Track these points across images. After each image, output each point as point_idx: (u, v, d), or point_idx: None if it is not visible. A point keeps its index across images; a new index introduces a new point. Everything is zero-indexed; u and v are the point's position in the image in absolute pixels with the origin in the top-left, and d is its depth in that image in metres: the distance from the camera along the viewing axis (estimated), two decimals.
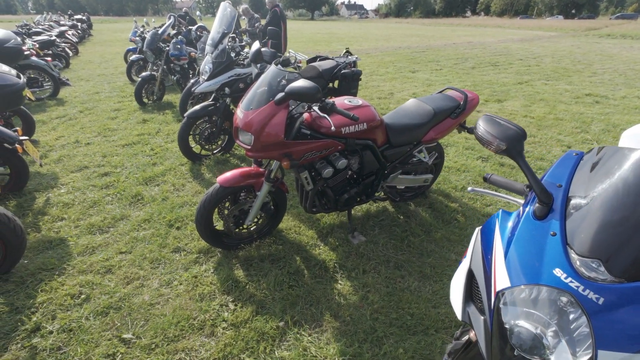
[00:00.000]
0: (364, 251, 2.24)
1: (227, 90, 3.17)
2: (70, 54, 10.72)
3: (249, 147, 1.80)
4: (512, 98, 6.27)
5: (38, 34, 11.16)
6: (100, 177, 3.27)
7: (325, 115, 1.72)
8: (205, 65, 3.15)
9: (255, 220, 2.25)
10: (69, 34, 13.02)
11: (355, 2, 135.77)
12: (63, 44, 10.32)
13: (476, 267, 0.88)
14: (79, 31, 16.95)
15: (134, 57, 7.44)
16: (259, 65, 3.22)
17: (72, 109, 5.59)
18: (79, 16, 22.52)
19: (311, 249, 2.27)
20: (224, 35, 3.07)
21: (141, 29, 8.38)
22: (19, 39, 4.03)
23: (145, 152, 3.84)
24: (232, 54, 3.24)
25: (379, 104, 5.86)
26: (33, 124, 4.13)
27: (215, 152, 3.64)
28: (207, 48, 3.13)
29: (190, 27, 6.85)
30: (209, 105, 3.31)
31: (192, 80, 4.70)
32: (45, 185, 3.06)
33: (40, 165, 2.97)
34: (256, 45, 2.16)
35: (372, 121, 2.07)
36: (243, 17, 7.32)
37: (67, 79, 7.56)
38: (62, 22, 18.31)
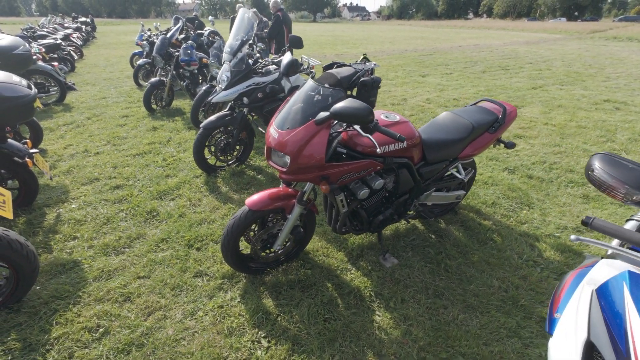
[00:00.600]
0: (399, 277, 2.08)
1: (245, 100, 3.03)
2: (76, 57, 10.64)
3: (284, 170, 1.65)
4: (529, 104, 6.12)
5: (43, 37, 11.08)
6: (112, 190, 3.12)
7: (369, 135, 1.57)
8: (223, 74, 3.01)
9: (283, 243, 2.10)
10: (73, 37, 12.94)
11: (357, 4, 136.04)
12: (68, 47, 10.22)
13: (600, 340, 0.73)
14: (83, 34, 16.90)
15: (141, 61, 7.33)
16: (291, 78, 3.10)
17: (79, 115, 5.46)
18: (83, 19, 22.51)
19: (342, 273, 2.12)
20: (243, 43, 2.93)
21: (148, 33, 8.27)
22: (27, 45, 3.90)
23: (158, 162, 3.70)
24: (250, 61, 3.10)
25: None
26: (41, 133, 4.00)
27: (230, 163, 3.50)
28: (225, 56, 2.99)
29: (199, 32, 6.72)
30: (226, 116, 3.17)
31: (203, 87, 4.56)
32: (55, 200, 2.92)
33: (50, 178, 2.83)
34: (288, 56, 2.01)
35: (411, 139, 1.92)
36: None
37: (73, 84, 7.45)
38: (66, 25, 18.27)
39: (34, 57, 5.77)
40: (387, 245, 2.37)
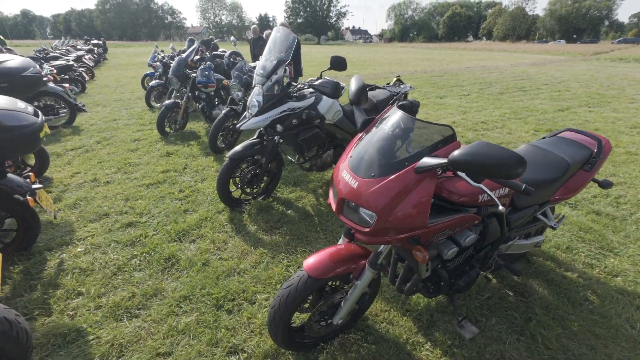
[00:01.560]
0: (490, 357, 1.63)
1: (279, 127, 2.67)
2: (87, 78, 10.55)
3: (366, 230, 1.25)
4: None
5: (56, 58, 11.06)
6: (123, 229, 2.73)
7: (481, 185, 1.17)
8: (253, 98, 2.67)
9: None
10: (85, 59, 12.97)
11: (359, 27, 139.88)
12: (80, 69, 10.14)
13: None
14: (95, 55, 17.07)
15: (153, 82, 7.13)
16: (322, 104, 2.76)
17: (88, 138, 5.15)
18: (95, 41, 22.95)
19: (415, 350, 1.67)
20: (279, 64, 2.61)
21: (161, 54, 8.13)
22: (37, 66, 3.63)
23: (174, 194, 3.32)
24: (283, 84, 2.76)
25: None
26: (47, 159, 3.66)
27: (256, 196, 3.11)
28: (257, 78, 2.66)
29: (215, 53, 6.52)
30: (254, 144, 2.81)
31: (223, 111, 4.25)
32: (58, 242, 2.52)
33: (54, 217, 2.44)
34: (357, 80, 1.63)
35: None
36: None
37: (83, 105, 7.23)
38: (79, 47, 18.53)
39: (45, 78, 5.55)
40: (461, 308, 1.93)
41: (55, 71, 7.38)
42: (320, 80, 2.63)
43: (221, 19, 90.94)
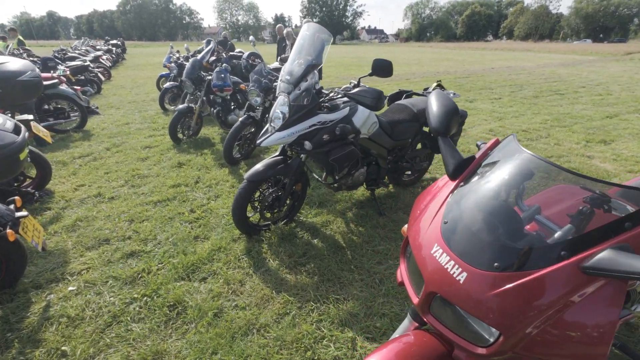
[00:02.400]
0: None
1: (307, 145, 2.22)
2: (103, 79, 10.41)
3: (479, 352, 0.77)
4: (618, 138, 5.10)
5: (73, 59, 11.00)
6: (124, 259, 2.34)
7: None
8: (277, 109, 2.23)
9: None
10: (103, 59, 12.91)
11: (375, 27, 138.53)
12: (96, 70, 10.01)
13: None
14: (113, 55, 17.13)
15: (167, 85, 6.83)
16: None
17: (98, 144, 4.85)
18: (114, 41, 23.18)
19: None
20: (310, 69, 2.16)
21: (177, 54, 7.85)
22: (37, 70, 3.32)
23: (184, 215, 2.92)
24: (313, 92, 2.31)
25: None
26: (49, 170, 3.34)
27: (276, 220, 2.67)
28: (282, 85, 2.22)
29: (232, 54, 6.16)
30: (277, 163, 2.37)
31: (239, 119, 3.84)
32: (48, 277, 2.15)
33: (42, 250, 2.06)
34: (442, 99, 1.17)
35: None
36: (287, 41, 6.61)
37: (97, 107, 7.00)
38: (98, 47, 18.67)
39: (55, 80, 5.30)
40: None
41: (69, 72, 7.20)
42: (358, 89, 2.17)
43: (238, 19, 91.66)
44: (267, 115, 3.95)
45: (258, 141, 2.28)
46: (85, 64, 9.16)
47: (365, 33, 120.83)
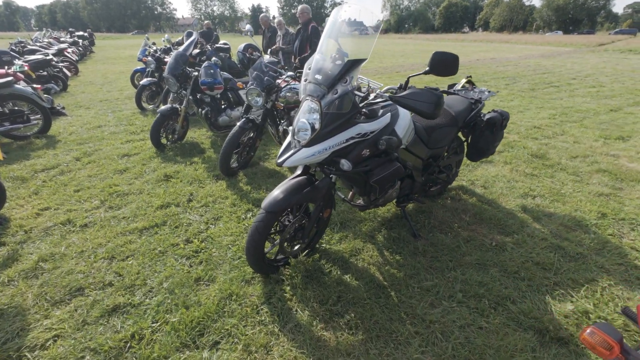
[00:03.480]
0: None
1: (345, 164, 1.72)
2: (69, 74, 9.41)
3: None
4: (634, 134, 4.87)
5: (33, 52, 9.90)
6: (105, 319, 1.78)
7: None
8: (303, 117, 1.70)
9: None
10: (68, 52, 11.76)
11: (354, 19, 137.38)
12: (61, 64, 9.00)
13: None
14: (79, 48, 15.77)
15: (145, 81, 6.09)
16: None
17: (65, 154, 4.15)
18: (80, 33, 21.49)
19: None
20: (351, 66, 1.65)
21: (154, 47, 7.06)
22: None
23: (179, 247, 2.37)
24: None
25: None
26: (2, 190, 2.69)
27: (297, 253, 2.17)
28: (309, 87, 1.69)
29: (219, 46, 5.49)
30: (300, 187, 1.85)
31: (238, 123, 3.27)
32: None
33: None
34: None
35: None
36: (279, 32, 6.00)
37: (63, 107, 6.17)
38: (62, 39, 17.17)
39: (10, 78, 4.51)
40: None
41: (28, 67, 6.31)
42: (409, 91, 1.68)
43: (213, 10, 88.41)
44: (268, 121, 3.41)
45: (279, 160, 1.76)
46: (48, 57, 8.17)
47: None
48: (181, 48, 4.83)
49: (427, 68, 1.67)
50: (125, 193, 3.16)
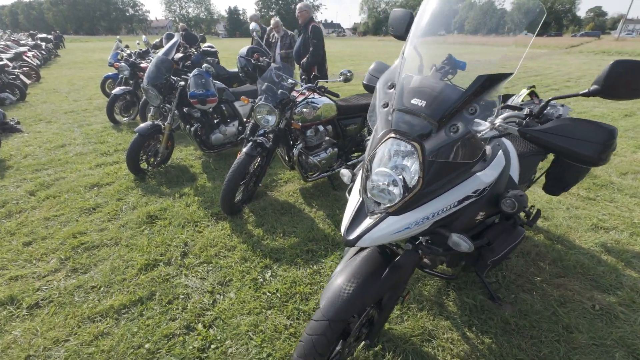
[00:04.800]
0: None
1: (464, 244, 1.03)
2: (29, 81, 8.29)
3: None
4: None
5: None
6: None
7: None
8: (387, 164, 1.04)
9: None
10: (27, 56, 10.55)
11: (332, 21, 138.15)
12: (17, 71, 7.88)
13: None
14: (42, 52, 14.37)
15: (118, 90, 5.22)
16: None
17: (16, 186, 3.28)
18: (43, 35, 19.83)
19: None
20: (482, 88, 1.00)
21: (127, 51, 6.17)
22: None
23: (176, 341, 1.64)
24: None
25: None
26: None
27: (352, 348, 1.49)
28: (402, 119, 1.01)
29: (205, 49, 4.72)
30: (378, 268, 1.19)
31: (244, 150, 2.54)
32: None
33: None
34: None
35: None
36: (276, 34, 5.30)
37: (18, 122, 5.21)
38: (22, 42, 15.64)
39: None
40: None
41: None
42: (557, 123, 1.05)
43: (188, 12, 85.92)
44: (282, 148, 2.72)
45: (349, 237, 1.08)
46: (2, 62, 7.11)
47: (322, 27, 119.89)
48: (162, 51, 4.05)
49: (596, 87, 1.05)
50: (94, 245, 2.37)
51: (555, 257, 2.24)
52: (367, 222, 1.08)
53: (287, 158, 2.98)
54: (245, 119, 4.00)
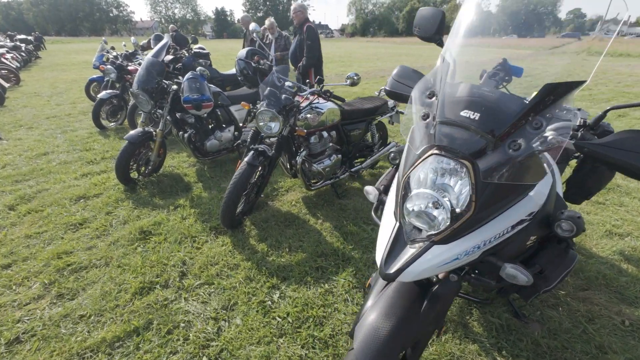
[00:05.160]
0: None
1: (521, 275, 0.89)
2: (7, 85, 7.90)
3: None
4: None
5: None
6: None
7: None
8: (429, 185, 0.90)
9: None
10: (6, 58, 10.11)
11: (320, 22, 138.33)
12: None
13: None
14: (22, 53, 13.81)
15: (104, 94, 4.96)
16: None
17: None
18: (22, 36, 19.11)
19: None
20: (547, 98, 0.87)
21: (112, 53, 5.89)
22: None
23: None
24: None
25: None
26: None
27: None
28: (450, 133, 0.87)
29: (197, 51, 4.52)
30: (415, 300, 1.04)
31: (245, 159, 2.36)
32: None
33: None
34: None
35: None
36: (270, 35, 5.13)
37: None
38: (0, 43, 15.01)
39: None
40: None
41: None
42: (617, 136, 0.94)
43: (174, 13, 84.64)
44: (283, 155, 2.56)
45: (389, 271, 0.93)
46: None
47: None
48: (151, 53, 3.84)
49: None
50: (82, 266, 2.16)
51: (576, 268, 2.14)
52: (408, 252, 0.94)
53: (289, 166, 2.82)
54: (241, 124, 3.82)
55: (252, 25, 2.88)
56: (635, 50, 19.33)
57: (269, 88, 2.26)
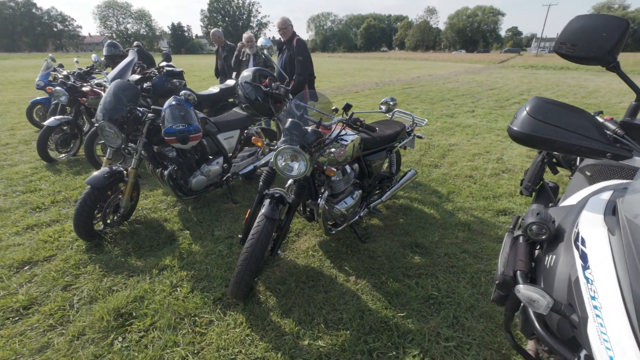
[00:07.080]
0: None
1: None
2: None
3: None
4: None
5: None
6: None
7: None
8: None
9: None
10: None
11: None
12: None
13: None
14: None
15: (52, 120, 4.13)
16: None
17: None
18: None
19: None
20: None
21: (62, 72, 5.01)
22: None
23: None
24: None
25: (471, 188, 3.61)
26: None
27: None
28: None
29: (169, 69, 3.88)
30: None
31: (263, 210, 1.82)
32: None
33: None
34: None
35: None
36: (248, 50, 4.61)
37: None
38: None
39: None
40: None
41: None
42: None
43: (127, 28, 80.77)
44: (304, 201, 2.05)
45: None
46: None
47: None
48: (113, 73, 3.20)
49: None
50: None
51: None
52: None
53: (302, 208, 2.31)
54: (230, 154, 3.25)
55: (261, 41, 2.38)
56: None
57: (289, 119, 1.76)
